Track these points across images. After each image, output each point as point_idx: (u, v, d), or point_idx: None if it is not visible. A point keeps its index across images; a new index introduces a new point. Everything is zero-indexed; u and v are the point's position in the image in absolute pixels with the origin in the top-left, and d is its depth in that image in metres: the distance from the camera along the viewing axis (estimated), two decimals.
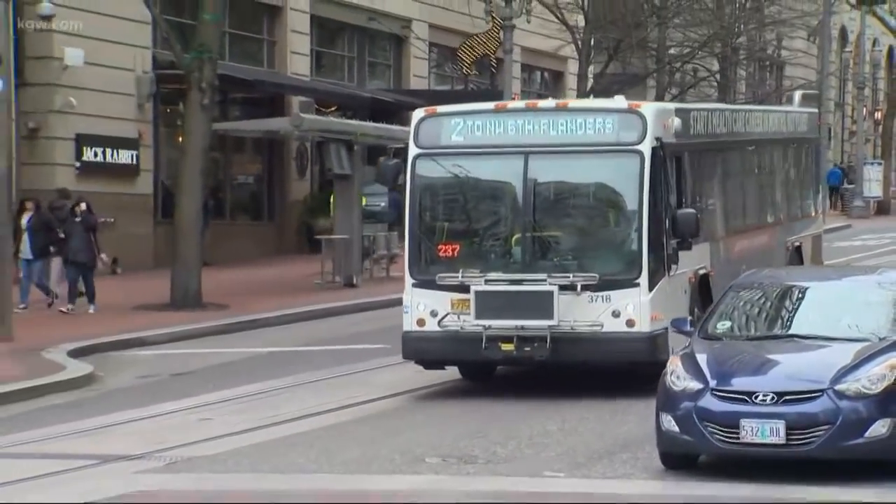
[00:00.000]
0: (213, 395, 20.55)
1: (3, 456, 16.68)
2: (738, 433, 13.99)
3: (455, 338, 18.56)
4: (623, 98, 21.16)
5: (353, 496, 14.24)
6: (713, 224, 21.24)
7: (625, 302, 18.14)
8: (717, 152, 22.04)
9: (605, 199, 19.23)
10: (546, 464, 15.28)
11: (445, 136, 19.14)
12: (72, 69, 34.92)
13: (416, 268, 19.08)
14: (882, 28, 70.62)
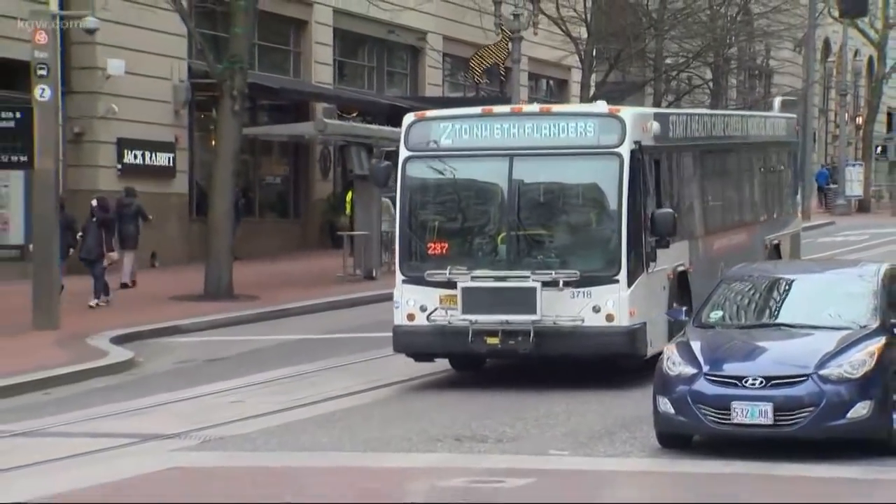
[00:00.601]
0: (245, 378, 20.59)
1: (52, 434, 16.82)
2: (730, 415, 14.02)
3: (443, 332, 18.26)
4: (604, 103, 21.06)
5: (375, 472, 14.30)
6: (692, 223, 20.96)
7: (605, 298, 17.87)
8: (695, 155, 21.67)
9: (586, 200, 18.94)
10: (551, 443, 15.33)
11: (434, 139, 18.83)
12: (114, 78, 35.00)
13: (407, 265, 18.77)
14: (863, 39, 70.69)
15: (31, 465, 14.85)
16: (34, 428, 17.19)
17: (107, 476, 14.08)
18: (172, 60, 36.85)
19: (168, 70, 36.87)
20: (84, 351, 22.69)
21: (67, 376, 20.67)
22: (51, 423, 17.50)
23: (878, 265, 16.75)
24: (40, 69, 25.27)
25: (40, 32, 25.57)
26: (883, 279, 15.66)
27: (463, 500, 12.83)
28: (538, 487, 13.46)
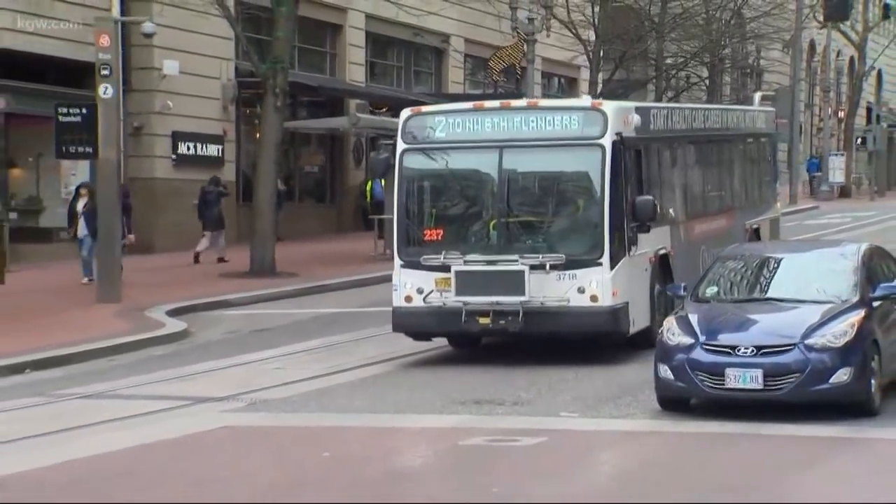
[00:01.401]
0: (286, 348, 20.62)
1: (115, 397, 16.92)
2: (724, 380, 14.03)
3: (438, 312, 17.87)
4: (589, 97, 20.88)
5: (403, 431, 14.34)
6: (673, 209, 20.46)
7: (589, 279, 17.46)
8: (676, 145, 21.21)
9: (571, 188, 18.52)
10: (562, 406, 15.34)
11: (429, 133, 18.41)
12: (169, 78, 35.12)
13: (404, 250, 18.30)
14: (844, 41, 70.44)
15: (98, 423, 14.94)
16: (100, 391, 17.30)
17: (164, 434, 14.15)
18: (221, 61, 36.95)
19: (217, 70, 36.97)
20: (143, 322, 22.80)
21: (128, 345, 20.77)
22: (114, 386, 17.59)
23: (859, 245, 16.73)
24: (104, 70, 25.35)
25: (104, 36, 25.65)
26: (863, 257, 15.64)
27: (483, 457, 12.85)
28: (550, 445, 13.51)
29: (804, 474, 11.76)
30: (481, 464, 12.58)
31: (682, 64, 51.40)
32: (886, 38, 74.52)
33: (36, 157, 33.86)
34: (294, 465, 12.67)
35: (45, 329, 21.82)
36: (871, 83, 77.29)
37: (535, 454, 13.06)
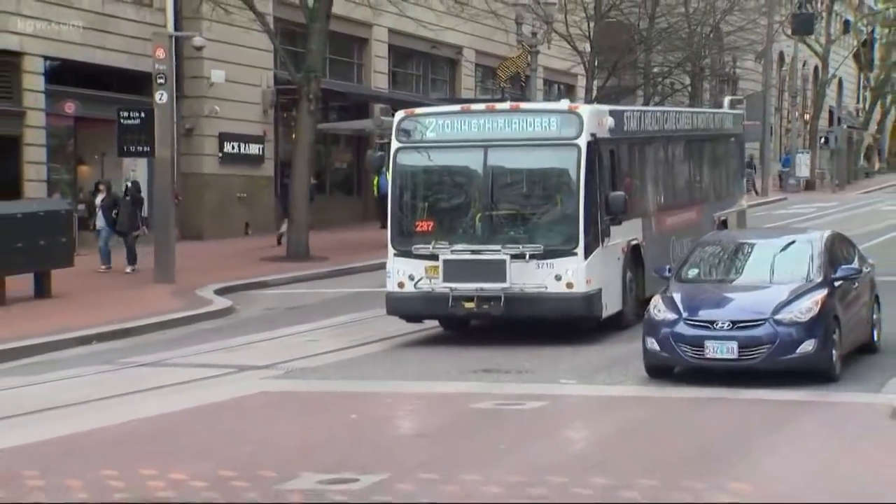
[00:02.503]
0: (318, 323, 20.69)
1: (170, 365, 17.03)
2: (703, 351, 14.03)
3: (427, 297, 17.44)
4: (567, 101, 20.56)
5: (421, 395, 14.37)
6: (644, 203, 20.06)
7: (565, 268, 17.06)
8: (648, 145, 20.73)
9: (549, 184, 18.02)
10: (561, 374, 15.36)
11: (421, 132, 17.93)
12: (216, 85, 35.17)
13: (397, 240, 17.76)
14: (810, 52, 70.38)
15: (156, 388, 15.06)
16: (157, 360, 17.40)
17: (212, 398, 14.23)
18: (261, 71, 37.02)
19: (258, 78, 37.01)
20: (193, 300, 22.88)
21: (181, 320, 20.86)
22: (169, 356, 17.69)
23: (822, 232, 16.72)
24: (159, 78, 25.42)
25: (160, 49, 25.72)
26: (825, 243, 15.62)
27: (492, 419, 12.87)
28: (550, 408, 13.53)
29: (773, 433, 11.77)
30: (491, 424, 12.60)
31: (667, 72, 51.41)
32: (846, 49, 74.38)
33: (101, 155, 33.93)
34: (325, 426, 12.71)
35: (109, 306, 21.92)
36: (832, 89, 77.19)
37: (538, 416, 13.07)
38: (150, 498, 9.58)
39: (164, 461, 10.78)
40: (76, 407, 13.89)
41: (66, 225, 24.05)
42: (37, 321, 20.16)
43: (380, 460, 10.94)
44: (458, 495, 9.45)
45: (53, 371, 16.51)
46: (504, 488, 9.61)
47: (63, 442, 11.91)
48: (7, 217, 22.52)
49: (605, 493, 9.41)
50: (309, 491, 9.68)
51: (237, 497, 9.53)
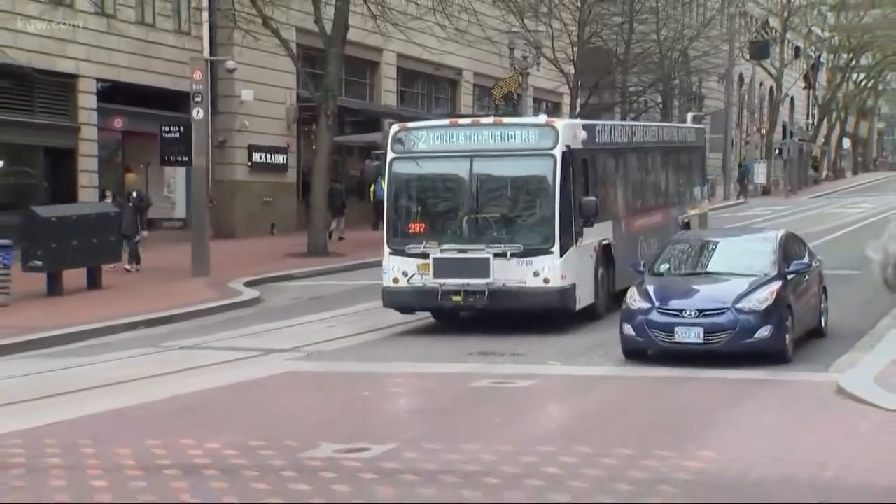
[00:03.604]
0: (335, 311, 20.67)
1: (206, 348, 17.01)
2: (673, 336, 14.04)
3: (419, 291, 17.17)
4: (545, 115, 20.35)
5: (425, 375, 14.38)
6: (615, 207, 19.80)
7: (542, 265, 16.85)
8: (617, 155, 20.42)
9: (528, 190, 17.79)
10: (549, 357, 15.36)
11: (413, 144, 17.67)
12: (246, 103, 35.15)
13: (392, 241, 17.50)
14: (766, 75, 70.47)
15: (193, 368, 15.05)
16: (195, 343, 17.40)
17: (242, 377, 14.24)
18: (285, 90, 37.00)
19: (283, 97, 37.00)
20: (226, 291, 22.89)
21: (215, 309, 20.86)
22: (205, 340, 17.70)
23: (777, 231, 16.75)
24: (196, 97, 25.42)
25: (197, 72, 25.72)
26: (780, 241, 15.63)
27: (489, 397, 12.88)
28: (540, 386, 13.54)
29: (734, 407, 11.77)
30: (487, 400, 12.61)
31: (642, 92, 51.41)
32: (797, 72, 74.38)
33: (145, 164, 33.98)
34: (341, 402, 12.72)
35: (153, 297, 21.93)
36: (786, 107, 77.22)
37: (528, 393, 13.08)
38: (189, 464, 9.60)
39: (200, 432, 10.79)
40: (124, 384, 13.91)
41: (114, 225, 24.08)
42: (90, 309, 20.18)
43: (389, 432, 10.95)
44: (458, 462, 9.47)
45: (105, 353, 16.53)
46: (498, 456, 9.63)
47: (113, 415, 11.95)
48: (64, 219, 22.57)
49: (586, 460, 9.42)
50: (327, 459, 9.70)
51: (264, 464, 9.54)
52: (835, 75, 78.38)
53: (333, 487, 8.75)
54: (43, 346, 17.01)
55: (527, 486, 8.64)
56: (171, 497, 8.61)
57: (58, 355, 16.40)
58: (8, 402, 12.80)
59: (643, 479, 8.75)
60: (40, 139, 29.98)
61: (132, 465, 9.64)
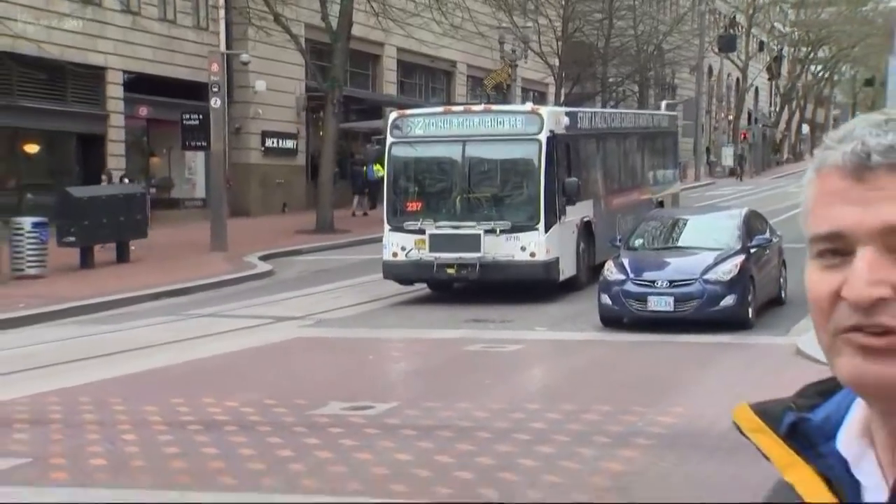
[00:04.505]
0: (341, 283, 20.65)
1: (223, 316, 16.97)
2: (646, 304, 14.08)
3: (416, 265, 17.03)
4: (531, 103, 20.24)
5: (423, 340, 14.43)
6: (595, 187, 19.74)
7: (529, 240, 16.83)
8: (597, 139, 20.40)
9: (515, 172, 17.73)
10: (536, 323, 15.41)
11: (411, 129, 17.47)
12: (259, 93, 35.01)
13: (392, 218, 17.44)
14: (733, 66, 70.25)
15: (212, 334, 15.05)
16: (213, 312, 17.37)
17: (257, 342, 14.26)
18: (295, 81, 36.85)
19: (293, 87, 36.86)
20: (242, 264, 22.86)
21: (232, 280, 20.83)
22: (223, 309, 17.68)
23: (742, 209, 16.79)
24: (214, 87, 25.34)
25: (214, 64, 25.65)
26: (744, 218, 15.67)
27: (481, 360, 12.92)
28: (527, 350, 13.60)
29: (702, 369, 11.84)
30: (480, 363, 12.66)
31: (620, 82, 51.28)
32: (761, 64, 74.21)
33: (168, 149, 33.88)
34: (347, 365, 12.76)
35: (175, 270, 21.90)
36: (751, 96, 77.02)
37: (517, 356, 13.14)
38: (210, 420, 9.64)
39: (220, 391, 10.84)
40: (150, 349, 13.92)
41: (141, 204, 24.04)
42: (118, 281, 20.18)
43: (391, 391, 11.01)
44: (453, 419, 9.52)
45: (132, 320, 16.55)
46: (490, 413, 9.68)
47: (140, 376, 11.98)
48: (95, 198, 22.53)
49: (569, 415, 9.48)
50: (334, 416, 9.74)
51: (278, 420, 9.59)
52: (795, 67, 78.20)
53: (340, 441, 8.80)
54: (76, 314, 17.03)
55: (515, 440, 8.70)
56: (195, 449, 8.66)
57: (89, 322, 16.42)
58: (46, 364, 12.85)
59: (620, 433, 8.81)
60: (73, 126, 29.91)
61: (158, 420, 9.68)
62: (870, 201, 1.07)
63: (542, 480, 7.59)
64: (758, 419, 1.21)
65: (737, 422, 1.24)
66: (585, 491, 7.35)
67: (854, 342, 1.08)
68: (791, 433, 1.18)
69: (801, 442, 1.17)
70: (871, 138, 1.09)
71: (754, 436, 1.21)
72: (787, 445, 1.18)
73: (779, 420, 1.20)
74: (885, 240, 1.06)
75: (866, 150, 1.08)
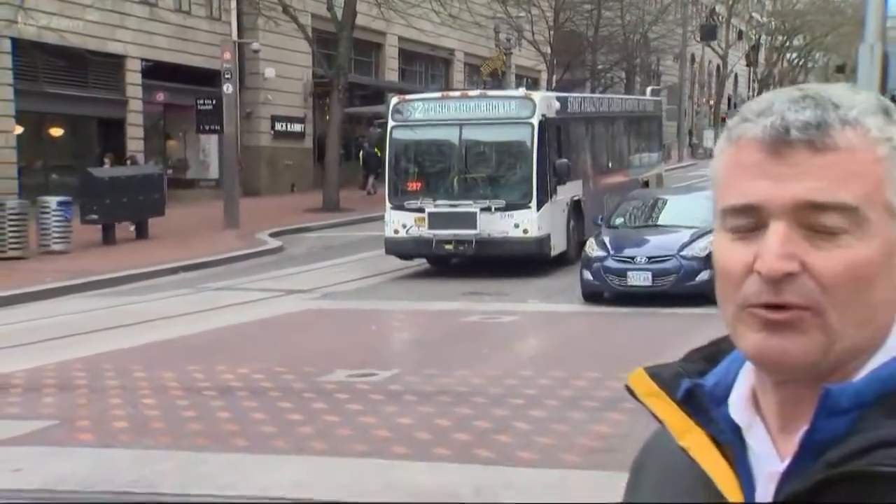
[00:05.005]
0: (346, 258, 20.68)
1: (237, 289, 16.99)
2: (626, 279, 14.07)
3: (416, 241, 16.96)
4: (524, 89, 20.10)
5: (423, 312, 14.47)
6: (584, 167, 19.68)
7: (522, 218, 16.78)
8: (586, 123, 20.33)
9: (509, 153, 17.69)
10: (529, 296, 15.45)
11: (410, 113, 17.36)
12: (269, 79, 34.92)
13: (393, 198, 17.39)
14: (713, 54, 70.02)
15: (226, 306, 15.09)
16: (227, 285, 17.40)
17: (268, 314, 14.30)
18: (302, 68, 36.72)
19: (300, 74, 36.75)
20: (253, 241, 22.86)
21: (244, 256, 20.83)
22: (236, 283, 17.71)
23: None
24: (226, 74, 25.28)
25: (226, 52, 25.58)
26: None
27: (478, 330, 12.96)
28: (521, 321, 13.63)
29: (681, 338, 11.79)
30: (476, 333, 12.70)
31: (608, 69, 51.09)
32: (740, 52, 74.02)
33: (183, 132, 33.81)
34: (351, 335, 12.80)
35: (191, 246, 21.91)
36: (731, 82, 76.84)
37: (511, 326, 13.18)
38: (224, 386, 9.69)
39: (233, 359, 10.88)
40: (168, 320, 13.96)
41: (159, 184, 24.01)
42: (138, 256, 20.20)
43: (393, 360, 11.06)
44: (451, 385, 9.57)
45: (151, 293, 16.58)
46: (486, 380, 9.73)
47: (159, 345, 12.02)
48: (115, 178, 22.53)
49: (560, 382, 9.53)
50: (341, 382, 9.79)
51: (287, 386, 9.64)
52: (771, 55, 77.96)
53: (346, 406, 8.86)
54: (99, 287, 17.07)
55: (510, 404, 8.75)
56: (210, 413, 8.72)
57: (112, 295, 16.46)
58: (71, 334, 12.89)
59: (608, 397, 8.87)
60: (94, 111, 29.84)
61: (176, 386, 9.74)
62: (785, 176, 1.03)
63: (535, 442, 7.65)
64: (654, 384, 1.18)
65: (632, 386, 1.19)
66: (575, 451, 7.42)
67: (759, 316, 1.05)
68: (686, 399, 1.15)
69: (695, 407, 1.14)
70: (790, 113, 1.05)
71: (649, 400, 1.17)
72: (683, 411, 1.14)
73: (674, 385, 1.17)
74: (798, 215, 1.03)
75: (785, 125, 1.04)
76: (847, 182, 1.03)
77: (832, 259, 1.03)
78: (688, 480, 1.13)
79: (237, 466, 7.19)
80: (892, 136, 1.06)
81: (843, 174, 1.03)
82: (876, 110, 1.07)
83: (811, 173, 1.03)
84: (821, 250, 1.03)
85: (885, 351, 1.07)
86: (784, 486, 1.05)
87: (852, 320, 1.04)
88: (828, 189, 1.03)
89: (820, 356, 1.04)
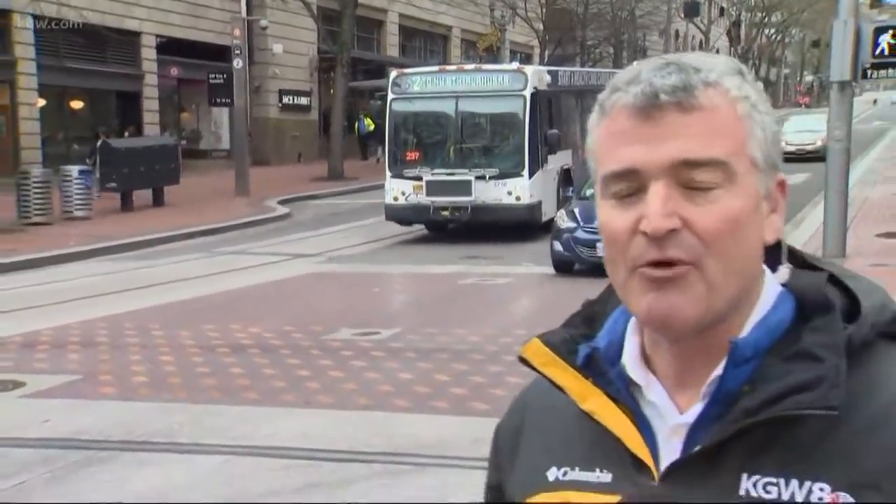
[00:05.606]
0: (350, 224, 20.68)
1: (247, 253, 16.98)
2: (595, 250, 13.45)
3: (415, 207, 16.88)
4: (517, 63, 19.90)
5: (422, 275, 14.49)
6: (574, 138, 19.47)
7: (514, 185, 16.71)
8: (575, 96, 20.17)
9: (503, 124, 17.48)
10: (522, 259, 15.45)
11: (409, 86, 17.21)
12: (277, 55, 34.75)
13: (392, 166, 17.29)
14: (697, 30, 69.66)
15: (238, 269, 15.10)
16: (238, 250, 17.39)
17: (277, 276, 14.31)
18: (308, 44, 36.53)
19: (306, 50, 36.54)
20: (263, 208, 22.84)
21: (254, 222, 20.83)
22: (247, 247, 17.70)
23: None
24: (236, 50, 25.12)
25: (236, 29, 25.39)
26: None
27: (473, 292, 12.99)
28: (515, 283, 13.65)
29: None
30: (473, 294, 12.72)
31: (597, 45, 50.81)
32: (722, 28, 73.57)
33: (196, 105, 33.67)
34: (355, 296, 12.82)
35: (205, 212, 21.90)
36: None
37: (506, 288, 13.20)
38: (236, 344, 9.73)
39: (245, 319, 10.92)
40: (184, 282, 13.98)
41: (174, 154, 23.95)
42: (155, 222, 20.19)
43: (394, 319, 11.09)
44: (449, 343, 9.61)
45: (167, 257, 16.59)
46: (482, 338, 9.77)
47: (175, 306, 12.04)
48: (133, 149, 22.48)
49: None
50: (346, 340, 9.83)
51: (296, 344, 9.68)
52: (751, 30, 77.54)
53: (351, 363, 8.90)
54: (119, 251, 17.07)
55: (504, 361, 8.80)
56: (224, 369, 8.77)
57: (131, 258, 16.47)
58: (94, 294, 12.92)
59: None
60: (112, 85, 29.72)
61: (192, 344, 9.78)
62: (658, 138, 1.03)
63: None
64: (551, 353, 1.17)
65: (527, 357, 1.18)
66: None
67: (647, 276, 1.04)
68: (586, 363, 1.14)
69: (594, 370, 1.13)
70: (657, 79, 1.05)
71: (547, 369, 1.16)
72: (582, 375, 1.13)
73: (571, 351, 1.16)
74: (674, 174, 1.03)
75: (654, 90, 1.04)
76: (715, 139, 1.03)
77: (709, 214, 1.03)
78: (588, 441, 1.11)
79: (248, 418, 7.24)
80: (749, 94, 1.07)
81: (710, 131, 1.03)
82: (733, 72, 1.08)
83: (682, 133, 1.03)
84: (698, 206, 1.03)
85: (762, 302, 1.08)
86: (695, 436, 1.05)
87: (729, 271, 1.03)
88: (699, 147, 1.03)
89: (704, 310, 1.03)
